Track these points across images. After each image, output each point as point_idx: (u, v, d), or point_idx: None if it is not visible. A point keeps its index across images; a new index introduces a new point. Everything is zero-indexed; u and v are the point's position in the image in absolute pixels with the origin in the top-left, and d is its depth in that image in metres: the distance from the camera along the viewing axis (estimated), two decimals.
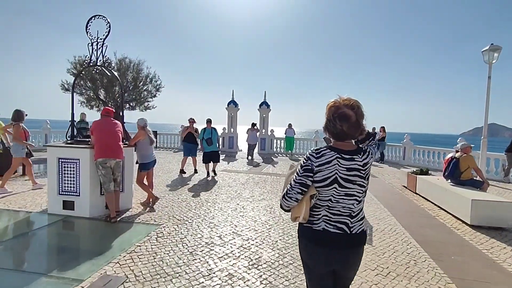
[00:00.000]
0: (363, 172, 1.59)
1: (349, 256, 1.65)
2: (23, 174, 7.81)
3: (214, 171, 9.02)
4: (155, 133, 17.04)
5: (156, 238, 4.02)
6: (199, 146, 9.35)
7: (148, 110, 17.22)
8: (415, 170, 8.09)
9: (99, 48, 5.37)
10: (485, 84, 9.68)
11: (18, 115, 6.28)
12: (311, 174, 1.56)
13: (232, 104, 16.95)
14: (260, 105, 16.98)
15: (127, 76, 15.93)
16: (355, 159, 1.57)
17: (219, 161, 9.22)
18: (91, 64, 5.44)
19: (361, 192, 1.60)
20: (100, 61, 5.41)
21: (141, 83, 16.42)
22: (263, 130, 16.73)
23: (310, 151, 1.61)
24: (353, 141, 1.65)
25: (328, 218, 1.60)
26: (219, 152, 9.46)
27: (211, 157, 8.85)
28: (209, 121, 9.03)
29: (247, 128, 13.98)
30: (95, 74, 14.34)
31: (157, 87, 16.89)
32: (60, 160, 4.81)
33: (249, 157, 13.49)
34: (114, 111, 4.77)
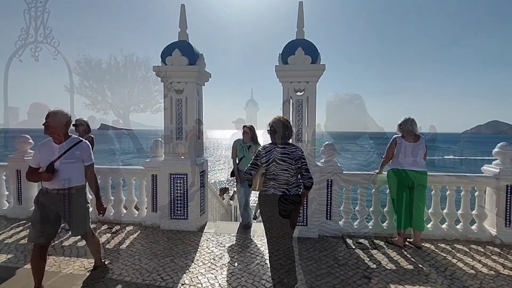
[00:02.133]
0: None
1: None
2: None
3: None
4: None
5: None
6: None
7: (160, 113, 15.72)
8: None
9: (39, 16, 3.62)
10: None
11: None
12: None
13: (251, 103, 15.01)
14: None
15: (135, 75, 14.47)
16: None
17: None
18: (29, 40, 3.68)
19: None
20: (41, 35, 3.65)
21: (151, 83, 14.92)
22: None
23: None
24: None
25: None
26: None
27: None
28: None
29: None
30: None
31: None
32: None
33: None
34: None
